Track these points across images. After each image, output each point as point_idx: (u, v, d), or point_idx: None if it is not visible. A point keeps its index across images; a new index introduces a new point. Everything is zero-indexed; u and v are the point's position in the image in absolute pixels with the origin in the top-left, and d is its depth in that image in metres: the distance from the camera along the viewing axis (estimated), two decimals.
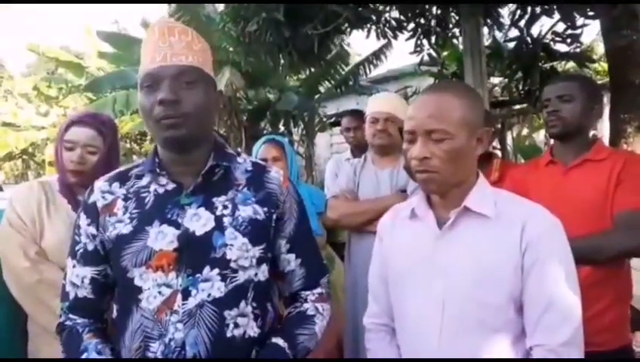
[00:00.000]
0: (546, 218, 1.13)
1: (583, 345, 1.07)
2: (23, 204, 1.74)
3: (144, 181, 1.19)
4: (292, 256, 1.23)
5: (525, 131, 9.18)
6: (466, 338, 1.11)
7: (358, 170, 2.27)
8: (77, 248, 1.20)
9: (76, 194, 1.79)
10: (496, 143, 6.85)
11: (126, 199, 1.18)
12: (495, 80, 5.98)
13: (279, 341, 1.14)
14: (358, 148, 2.97)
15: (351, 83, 8.64)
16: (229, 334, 1.09)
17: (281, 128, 8.74)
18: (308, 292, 1.24)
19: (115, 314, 1.18)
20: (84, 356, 1.11)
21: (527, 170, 1.89)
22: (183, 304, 1.09)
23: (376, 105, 2.24)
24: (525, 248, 1.09)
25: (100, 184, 1.22)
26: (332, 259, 2.48)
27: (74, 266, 1.20)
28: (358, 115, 3.12)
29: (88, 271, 1.19)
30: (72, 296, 1.20)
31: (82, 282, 1.19)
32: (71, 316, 1.19)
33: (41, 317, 1.66)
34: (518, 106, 7.36)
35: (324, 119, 8.81)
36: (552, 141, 1.85)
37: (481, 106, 1.20)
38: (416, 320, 1.18)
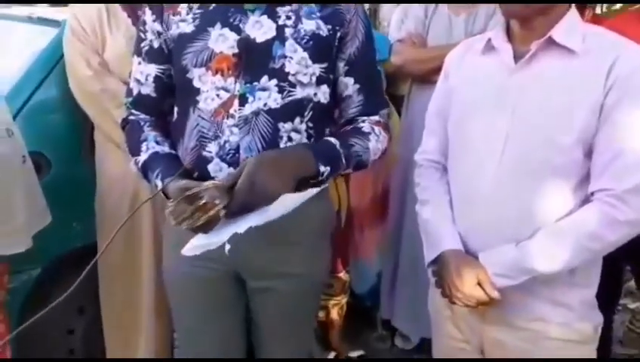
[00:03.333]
0: None
1: None
2: (84, 14, 1.75)
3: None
4: (350, 80, 1.19)
5: (618, 5, 8.18)
6: (524, 176, 1.07)
7: (429, 14, 2.09)
8: (142, 45, 1.19)
9: (136, 9, 1.76)
10: None
11: None
12: None
13: (330, 138, 1.14)
14: None
15: None
16: (282, 145, 1.11)
17: None
18: (365, 118, 1.21)
19: (175, 116, 1.21)
20: (143, 145, 1.17)
21: (627, 20, 1.67)
22: (239, 109, 1.10)
23: None
24: (611, 85, 0.99)
25: None
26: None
27: (139, 63, 1.21)
28: None
29: (153, 69, 1.19)
30: (135, 92, 1.22)
31: (146, 80, 1.20)
32: (134, 111, 1.24)
33: (104, 124, 1.74)
34: None
35: None
36: None
37: None
38: (474, 155, 1.13)
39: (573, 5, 1.08)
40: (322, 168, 1.07)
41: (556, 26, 1.04)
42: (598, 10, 2.48)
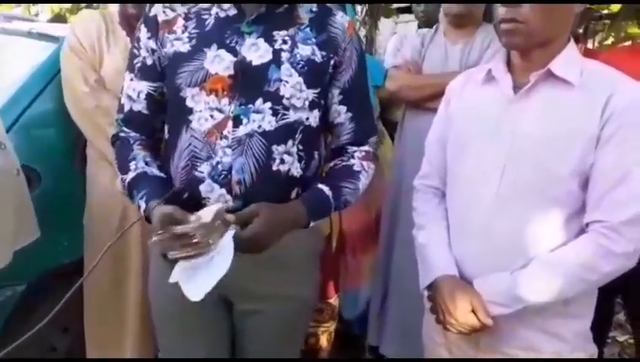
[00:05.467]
0: (638, 90, 1.03)
1: None
2: (83, 30, 1.76)
3: (206, 3, 1.16)
4: (343, 108, 1.21)
5: (610, 40, 8.36)
6: (521, 206, 1.07)
7: (426, 42, 2.11)
8: (135, 61, 1.19)
9: (135, 28, 1.77)
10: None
11: (187, 18, 1.15)
12: None
13: (324, 188, 1.16)
14: (428, 26, 2.77)
15: None
16: (274, 168, 1.11)
17: None
18: (355, 149, 1.23)
19: (166, 134, 1.20)
20: (132, 163, 1.16)
21: (621, 55, 1.70)
22: (233, 130, 1.10)
23: None
24: (607, 119, 1.00)
25: None
26: (382, 134, 2.41)
27: (131, 80, 1.20)
28: None
29: (145, 86, 1.19)
30: (127, 108, 1.21)
31: (138, 96, 1.19)
32: (125, 128, 1.23)
33: (98, 141, 1.73)
34: (606, 11, 6.64)
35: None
36: None
37: None
38: (471, 184, 1.14)
39: (572, 39, 1.10)
40: (312, 224, 1.14)
41: (555, 58, 1.06)
42: (589, 46, 2.54)
